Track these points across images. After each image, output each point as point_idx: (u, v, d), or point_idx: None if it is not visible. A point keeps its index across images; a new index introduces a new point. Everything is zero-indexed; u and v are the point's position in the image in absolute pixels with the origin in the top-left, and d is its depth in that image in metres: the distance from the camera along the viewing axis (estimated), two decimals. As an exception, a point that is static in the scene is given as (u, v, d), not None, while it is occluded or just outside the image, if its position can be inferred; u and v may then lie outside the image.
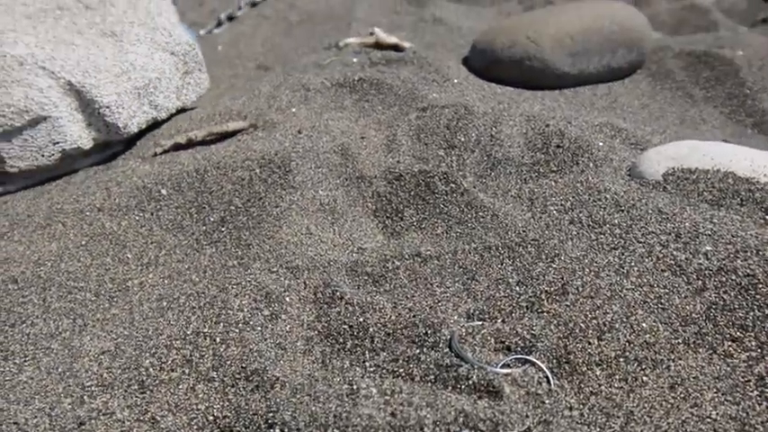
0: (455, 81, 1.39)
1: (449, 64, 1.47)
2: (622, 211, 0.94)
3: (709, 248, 0.84)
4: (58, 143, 1.00)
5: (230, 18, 2.03)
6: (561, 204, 1.00)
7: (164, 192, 1.08)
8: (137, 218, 1.05)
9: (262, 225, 1.04)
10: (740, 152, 1.02)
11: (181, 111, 1.30)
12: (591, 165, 1.09)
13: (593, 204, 0.97)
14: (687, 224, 0.89)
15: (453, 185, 1.08)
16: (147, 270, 0.99)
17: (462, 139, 1.17)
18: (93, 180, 1.09)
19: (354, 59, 1.47)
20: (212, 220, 1.07)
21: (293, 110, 1.32)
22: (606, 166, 1.08)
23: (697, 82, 1.48)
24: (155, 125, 1.23)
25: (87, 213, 1.02)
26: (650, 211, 0.92)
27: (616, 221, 0.92)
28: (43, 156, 1.00)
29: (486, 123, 1.19)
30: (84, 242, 0.99)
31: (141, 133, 1.23)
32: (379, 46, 1.55)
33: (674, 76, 1.49)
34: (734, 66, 1.47)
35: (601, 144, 1.13)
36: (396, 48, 1.55)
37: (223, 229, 1.06)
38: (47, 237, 0.98)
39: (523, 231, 0.94)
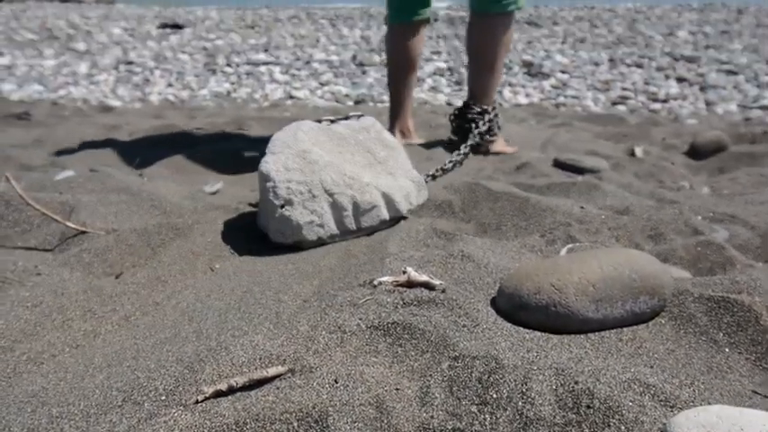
0: (484, 326, 1.46)
1: (477, 307, 1.54)
2: (658, 488, 0.94)
3: None
4: (379, 216, 2.25)
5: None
6: (596, 475, 1.00)
7: (203, 445, 1.11)
8: (176, 475, 1.07)
9: (298, 488, 1.05)
10: (770, 422, 1.04)
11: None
12: (623, 428, 1.10)
13: (629, 478, 0.97)
14: (725, 508, 0.88)
15: (487, 446, 1.10)
16: None
17: (494, 396, 1.21)
18: (137, 432, 1.13)
19: (388, 299, 1.56)
20: (249, 476, 1.09)
21: (329, 353, 1.38)
22: (638, 430, 1.09)
23: (719, 327, 1.53)
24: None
25: (129, 470, 1.05)
26: (686, 491, 0.92)
27: (653, 501, 0.92)
28: (372, 221, 2.24)
29: (516, 379, 1.23)
30: (122, 502, 1.00)
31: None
32: (410, 284, 1.65)
33: (697, 320, 1.55)
34: (753, 312, 1.52)
35: (630, 404, 1.16)
36: (427, 285, 1.65)
37: (259, 489, 1.07)
38: (88, 496, 1.00)
39: (560, 507, 0.94)
